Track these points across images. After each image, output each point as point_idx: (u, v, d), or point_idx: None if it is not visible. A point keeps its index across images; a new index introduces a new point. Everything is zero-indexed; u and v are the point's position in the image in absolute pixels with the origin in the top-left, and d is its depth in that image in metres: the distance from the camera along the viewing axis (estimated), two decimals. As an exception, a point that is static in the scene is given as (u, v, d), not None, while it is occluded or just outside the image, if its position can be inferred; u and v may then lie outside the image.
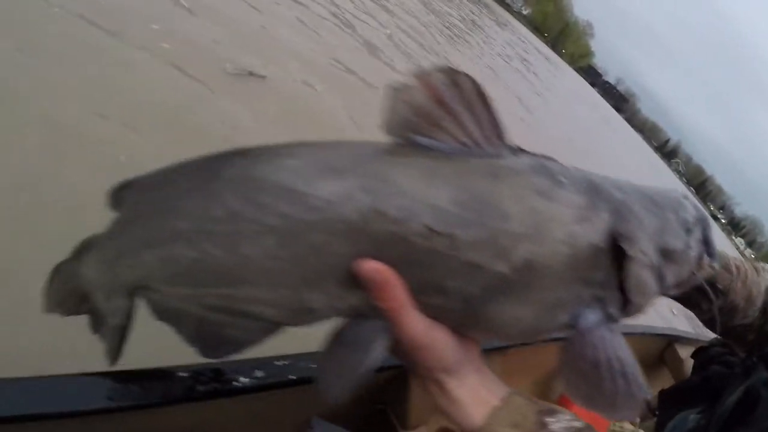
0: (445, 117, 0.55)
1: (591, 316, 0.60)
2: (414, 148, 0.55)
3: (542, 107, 14.12)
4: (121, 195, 0.64)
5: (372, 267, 0.52)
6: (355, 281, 0.53)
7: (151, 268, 0.59)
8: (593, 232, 0.57)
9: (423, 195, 0.52)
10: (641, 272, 0.60)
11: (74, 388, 0.78)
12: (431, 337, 0.58)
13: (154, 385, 0.84)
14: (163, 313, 0.61)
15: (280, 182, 0.53)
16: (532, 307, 0.58)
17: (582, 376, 0.59)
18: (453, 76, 0.54)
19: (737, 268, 1.03)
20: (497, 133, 0.57)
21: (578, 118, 21.32)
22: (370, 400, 1.25)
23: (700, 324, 1.07)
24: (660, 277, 0.64)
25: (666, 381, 2.54)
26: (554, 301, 0.58)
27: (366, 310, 0.56)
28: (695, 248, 0.70)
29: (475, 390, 0.64)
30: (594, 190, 0.60)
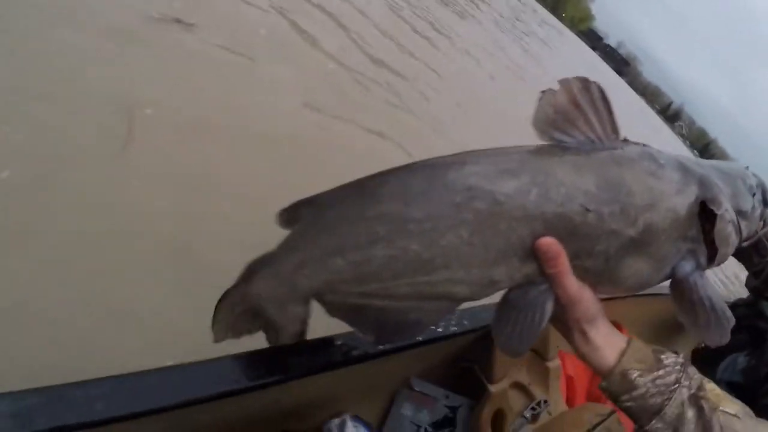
0: (579, 117, 0.71)
1: (687, 266, 0.77)
2: (558, 147, 0.72)
3: (541, 69, 13.93)
4: (296, 213, 0.76)
5: (548, 242, 0.68)
6: (531, 254, 0.69)
7: (340, 272, 0.72)
8: (687, 200, 0.75)
9: (576, 183, 0.69)
10: (726, 227, 0.77)
11: (221, 371, 0.88)
12: (583, 293, 0.75)
13: (278, 363, 0.93)
14: (340, 311, 0.76)
15: (470, 185, 0.68)
16: (649, 261, 0.74)
17: (689, 309, 0.77)
18: (586, 83, 0.71)
19: None
20: (615, 129, 0.73)
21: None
22: (458, 360, 1.38)
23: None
24: (738, 231, 0.81)
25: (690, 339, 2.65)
26: (664, 255, 0.75)
27: (535, 277, 0.72)
28: (758, 208, 0.88)
29: (607, 336, 0.80)
30: (683, 168, 0.77)
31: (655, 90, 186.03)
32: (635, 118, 33.93)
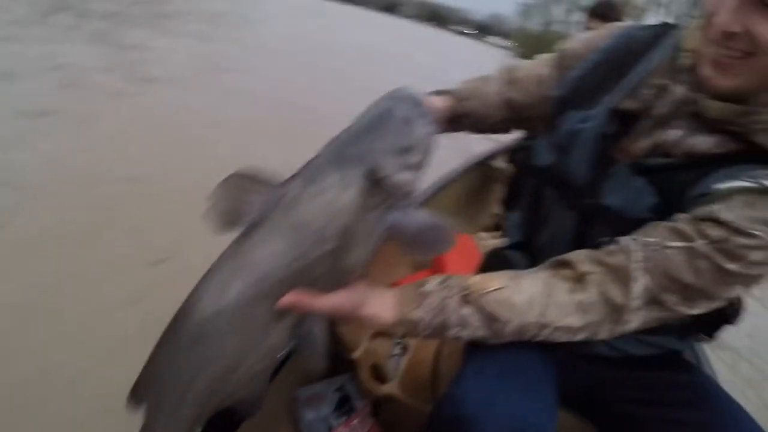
0: (240, 203, 0.90)
1: (391, 217, 0.95)
2: (244, 234, 0.91)
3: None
4: (137, 395, 0.95)
5: (284, 300, 0.90)
6: (282, 313, 0.92)
7: (194, 405, 0.93)
8: (355, 185, 0.91)
9: (270, 254, 0.89)
10: (397, 176, 0.93)
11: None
12: (335, 300, 0.95)
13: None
14: (215, 423, 1.02)
15: (208, 315, 0.89)
16: (362, 242, 0.94)
17: (412, 243, 0.96)
18: (225, 182, 0.90)
19: (468, 89, 1.36)
20: (271, 186, 0.92)
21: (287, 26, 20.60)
22: None
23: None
24: (411, 166, 0.96)
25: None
26: (369, 229, 0.94)
27: (299, 317, 0.95)
28: (421, 122, 0.98)
29: (378, 305, 1.03)
30: (339, 162, 0.92)
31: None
32: (361, 28, 34.43)
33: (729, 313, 1.15)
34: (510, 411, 0.96)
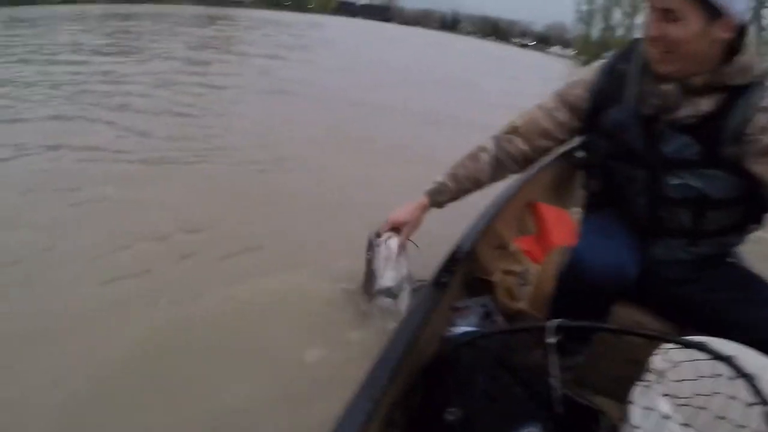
0: None
1: None
2: None
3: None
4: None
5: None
6: None
7: None
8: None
9: None
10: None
11: None
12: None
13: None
14: None
15: None
16: None
17: None
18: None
19: (454, 177, 1.99)
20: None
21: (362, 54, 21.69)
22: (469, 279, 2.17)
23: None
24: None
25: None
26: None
27: None
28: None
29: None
30: None
31: (425, 13, 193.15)
32: (419, 47, 34.14)
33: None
34: (608, 255, 1.49)
